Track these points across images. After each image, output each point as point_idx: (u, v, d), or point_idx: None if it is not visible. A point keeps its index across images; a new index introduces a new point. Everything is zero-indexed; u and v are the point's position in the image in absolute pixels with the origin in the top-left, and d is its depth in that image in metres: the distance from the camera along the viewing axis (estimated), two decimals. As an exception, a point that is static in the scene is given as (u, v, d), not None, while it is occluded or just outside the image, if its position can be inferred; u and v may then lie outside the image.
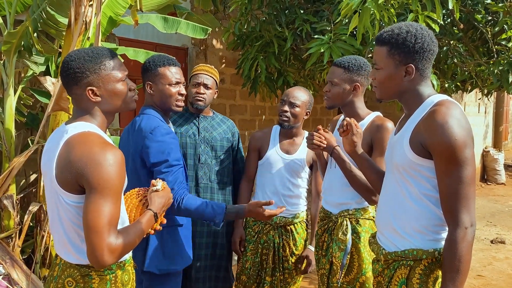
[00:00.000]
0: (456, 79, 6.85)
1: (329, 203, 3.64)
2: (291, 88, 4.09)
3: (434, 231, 2.39)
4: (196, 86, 4.01)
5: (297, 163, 4.06)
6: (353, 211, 3.52)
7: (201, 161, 4.02)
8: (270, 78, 6.90)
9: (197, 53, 7.84)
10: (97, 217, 2.08)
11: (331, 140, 3.42)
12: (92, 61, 2.31)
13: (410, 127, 2.43)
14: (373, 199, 3.33)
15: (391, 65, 2.48)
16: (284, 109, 3.96)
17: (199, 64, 4.22)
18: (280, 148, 4.12)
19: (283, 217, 4.06)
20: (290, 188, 4.06)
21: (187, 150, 4.00)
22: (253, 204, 3.19)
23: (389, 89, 2.53)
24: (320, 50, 5.32)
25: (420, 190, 2.40)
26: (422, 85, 2.48)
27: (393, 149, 2.55)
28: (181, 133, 4.01)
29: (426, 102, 2.43)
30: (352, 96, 3.48)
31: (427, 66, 2.46)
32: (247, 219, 4.21)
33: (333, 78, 3.48)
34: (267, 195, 4.07)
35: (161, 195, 2.61)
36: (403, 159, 2.43)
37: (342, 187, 3.51)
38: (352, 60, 3.47)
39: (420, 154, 2.35)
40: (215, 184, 4.06)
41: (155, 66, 3.41)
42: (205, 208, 3.13)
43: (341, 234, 3.46)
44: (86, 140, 2.20)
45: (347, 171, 3.33)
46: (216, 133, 4.13)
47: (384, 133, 3.34)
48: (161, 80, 3.39)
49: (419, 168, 2.37)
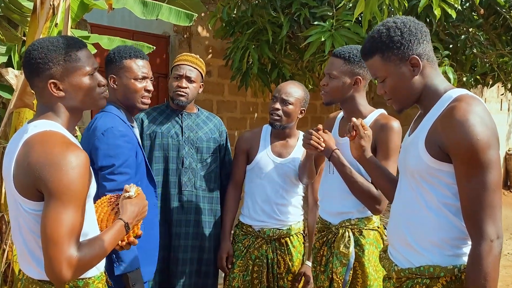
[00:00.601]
0: (476, 72, 6.90)
1: (327, 212, 3.65)
2: (284, 82, 4.12)
3: (454, 245, 2.38)
4: (177, 79, 4.03)
5: (290, 167, 4.06)
6: (356, 221, 3.52)
7: (185, 165, 4.03)
8: (263, 70, 6.93)
9: (180, 42, 7.84)
10: (55, 227, 2.08)
11: (330, 142, 3.45)
12: (56, 51, 2.32)
13: (426, 126, 2.43)
14: (377, 208, 3.36)
15: (392, 68, 2.50)
16: (276, 107, 3.97)
17: (182, 54, 4.23)
18: (272, 150, 4.12)
19: (277, 229, 4.06)
20: (284, 195, 4.07)
21: (169, 152, 4.02)
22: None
23: (405, 94, 2.54)
24: (321, 38, 5.35)
25: (438, 198, 2.39)
26: (435, 76, 2.50)
27: (407, 152, 2.54)
28: (162, 133, 4.03)
29: (444, 98, 2.43)
30: (352, 91, 3.50)
31: (428, 49, 2.49)
32: (236, 232, 4.21)
33: (332, 71, 3.50)
34: (257, 203, 4.08)
35: (134, 203, 2.59)
36: (418, 164, 2.42)
37: (342, 194, 3.51)
38: (353, 50, 3.47)
39: (438, 157, 2.34)
40: (200, 191, 4.08)
41: (120, 58, 3.46)
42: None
43: (342, 247, 3.46)
44: (46, 140, 2.21)
45: (348, 176, 3.36)
46: (202, 132, 4.14)
47: (389, 134, 3.35)
48: (126, 73, 3.44)
49: (436, 173, 2.36)
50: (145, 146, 4.01)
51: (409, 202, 2.53)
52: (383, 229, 3.58)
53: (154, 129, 4.04)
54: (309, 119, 10.10)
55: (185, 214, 4.04)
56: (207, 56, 8.24)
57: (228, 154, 4.33)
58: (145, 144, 4.02)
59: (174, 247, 4.00)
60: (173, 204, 4.02)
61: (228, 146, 4.34)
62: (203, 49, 8.16)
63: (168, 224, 4.03)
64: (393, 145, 3.34)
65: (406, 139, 2.64)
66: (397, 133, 3.36)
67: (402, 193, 2.62)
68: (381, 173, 3.02)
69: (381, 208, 3.35)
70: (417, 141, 2.45)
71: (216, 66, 8.34)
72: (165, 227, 4.01)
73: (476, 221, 2.23)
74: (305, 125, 9.72)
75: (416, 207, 2.47)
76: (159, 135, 4.02)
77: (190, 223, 4.05)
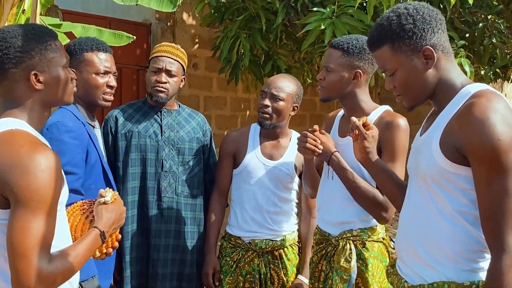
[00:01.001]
0: (495, 64, 6.89)
1: (327, 222, 3.64)
2: (274, 76, 4.14)
3: (471, 258, 2.37)
4: (156, 72, 4.04)
5: (283, 170, 4.06)
6: (358, 231, 3.51)
7: (165, 169, 4.04)
8: (256, 62, 6.92)
9: (162, 30, 7.82)
10: (24, 237, 2.06)
11: (329, 144, 3.44)
12: (36, 40, 2.34)
13: (441, 125, 2.42)
14: (384, 216, 3.35)
15: (403, 60, 2.50)
16: (265, 103, 3.97)
17: (161, 44, 4.24)
18: (262, 152, 4.12)
19: (270, 240, 4.06)
20: (276, 202, 4.07)
21: (147, 154, 4.03)
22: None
23: (416, 88, 2.53)
24: (320, 26, 5.33)
25: (453, 206, 2.38)
26: (451, 69, 2.50)
27: (418, 153, 2.54)
28: (138, 133, 4.04)
29: (461, 93, 2.43)
30: (352, 86, 3.50)
31: (444, 39, 2.49)
32: (223, 244, 4.20)
33: (329, 63, 3.50)
34: (246, 212, 4.08)
35: (111, 209, 2.59)
36: (431, 167, 2.42)
37: (343, 202, 3.50)
38: (352, 40, 3.49)
39: (454, 159, 2.33)
40: (182, 198, 4.09)
41: (81, 50, 3.52)
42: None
43: (343, 261, 3.45)
44: (12, 140, 2.20)
45: (349, 181, 3.35)
46: (184, 132, 4.16)
47: (395, 133, 3.34)
48: (86, 67, 3.52)
49: (452, 177, 2.36)
50: (120, 147, 4.04)
51: (420, 209, 2.52)
52: (389, 241, 3.60)
53: (130, 128, 4.04)
54: (308, 118, 10.11)
55: (165, 224, 4.04)
56: (193, 47, 8.24)
57: (213, 156, 4.35)
58: (120, 145, 4.04)
59: (153, 260, 4.01)
60: (151, 213, 4.02)
61: (212, 147, 4.36)
62: (188, 38, 8.15)
63: (146, 234, 4.03)
64: (400, 145, 3.33)
65: (417, 139, 2.64)
66: (404, 131, 3.36)
67: (412, 199, 2.61)
68: (388, 177, 3.01)
69: (388, 216, 3.34)
70: (430, 141, 2.44)
71: (203, 57, 8.34)
72: (143, 238, 4.03)
73: (496, 232, 2.21)
74: (303, 124, 9.72)
75: (428, 216, 2.47)
76: (135, 134, 4.02)
77: (171, 234, 4.05)
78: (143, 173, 4.02)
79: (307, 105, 9.74)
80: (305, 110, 9.84)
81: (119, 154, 4.01)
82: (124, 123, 4.05)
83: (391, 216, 3.37)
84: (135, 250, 3.99)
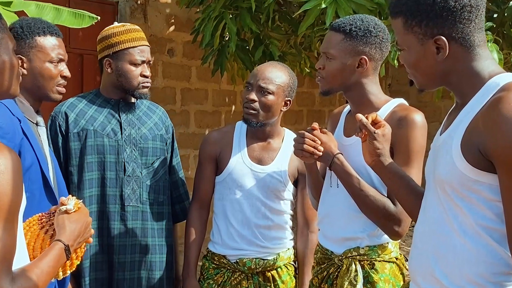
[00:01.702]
0: (529, 50, 6.89)
1: (329, 238, 3.62)
2: (262, 65, 4.15)
3: (496, 282, 2.33)
4: (137, 65, 4.06)
5: (275, 177, 4.05)
6: (366, 249, 3.48)
7: (128, 173, 4.05)
8: (244, 48, 6.95)
9: (132, 9, 7.83)
10: None
11: (331, 145, 3.41)
12: None
13: (463, 123, 2.38)
14: (397, 230, 3.32)
15: (413, 41, 2.49)
16: (251, 98, 3.95)
17: (126, 28, 4.17)
18: (249, 155, 4.10)
19: (260, 259, 4.05)
20: (267, 215, 4.05)
21: (105, 156, 4.03)
22: None
23: (426, 73, 2.54)
24: (321, 5, 5.35)
25: (476, 220, 2.34)
26: (477, 58, 2.45)
27: (437, 156, 2.51)
28: (95, 131, 4.04)
29: (488, 85, 2.39)
30: (358, 75, 3.45)
31: (469, 31, 2.42)
32: (205, 265, 4.19)
33: (328, 49, 3.47)
34: (232, 227, 4.06)
35: (75, 219, 2.59)
36: (450, 173, 2.39)
37: (348, 214, 3.48)
38: (356, 21, 3.44)
39: (478, 164, 2.30)
40: (147, 207, 4.10)
41: (31, 34, 3.50)
42: None
43: (347, 285, 3.42)
44: None
45: (355, 189, 3.33)
46: (146, 128, 4.18)
47: (410, 130, 3.30)
48: (38, 54, 3.50)
49: (475, 186, 2.32)
50: (73, 149, 4.02)
51: (437, 224, 2.49)
52: (403, 261, 3.55)
53: (83, 126, 4.03)
54: (305, 114, 10.13)
55: (130, 238, 4.05)
56: (169, 29, 8.26)
57: (176, 155, 4.37)
58: (72, 146, 4.02)
59: (117, 281, 4.01)
60: (113, 225, 4.02)
61: (175, 145, 4.38)
62: (162, 19, 8.17)
63: (108, 251, 4.02)
64: (416, 145, 3.30)
65: (437, 138, 2.60)
66: (421, 129, 3.32)
67: (428, 211, 2.58)
68: (403, 184, 2.96)
69: (401, 231, 3.32)
70: (451, 143, 2.40)
71: (181, 42, 8.36)
72: (104, 256, 4.01)
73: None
74: (300, 121, 9.74)
75: (446, 231, 2.44)
76: (91, 133, 4.01)
77: (136, 249, 4.06)
78: (102, 178, 4.02)
79: (305, 99, 9.76)
80: (302, 105, 9.86)
81: (72, 158, 4.00)
82: (75, 121, 4.03)
83: (405, 230, 3.33)
84: (96, 269, 3.97)
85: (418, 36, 2.46)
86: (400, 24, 2.50)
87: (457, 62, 2.45)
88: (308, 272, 4.03)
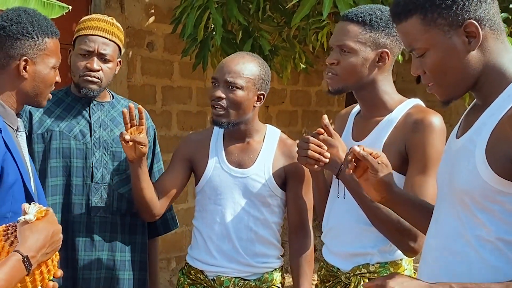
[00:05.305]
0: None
1: (335, 253, 3.64)
2: (227, 57, 4.13)
3: None
4: (85, 56, 4.03)
5: (258, 181, 3.99)
6: (377, 266, 3.52)
7: (96, 179, 4.07)
8: (231, 41, 6.99)
9: (107, -1, 7.81)
10: None
11: (338, 151, 3.37)
12: None
13: (488, 126, 2.38)
14: (412, 246, 3.32)
15: (438, 37, 2.46)
16: (217, 95, 3.91)
17: (91, 17, 4.26)
18: (227, 159, 4.07)
19: (241, 279, 3.99)
20: (251, 226, 4.00)
21: (71, 160, 4.04)
22: None
23: (454, 76, 2.49)
24: (318, -6, 5.32)
25: (498, 235, 2.35)
26: (502, 52, 2.45)
27: (455, 163, 2.51)
28: (60, 132, 4.05)
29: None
30: (376, 71, 3.46)
31: (494, 11, 2.44)
32: (180, 279, 4.16)
33: (345, 41, 3.44)
34: (211, 241, 4.02)
35: (39, 228, 2.57)
36: (473, 182, 2.38)
37: (357, 227, 3.50)
38: (375, 10, 3.46)
39: (505, 174, 2.30)
40: (117, 218, 4.12)
41: (43, 34, 3.37)
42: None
43: (356, 305, 3.44)
44: None
45: (366, 201, 3.29)
46: (120, 130, 4.09)
47: (426, 135, 3.32)
48: (45, 59, 3.39)
49: (499, 197, 2.33)
50: (36, 152, 4.03)
51: (451, 238, 2.50)
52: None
53: (48, 127, 4.06)
54: (300, 115, 10.16)
55: (96, 251, 4.07)
56: (147, 20, 8.32)
57: (158, 161, 4.42)
58: (36, 149, 4.03)
59: None
60: (78, 237, 4.04)
61: (157, 150, 4.42)
62: (141, 9, 8.21)
63: (72, 266, 4.02)
64: (434, 151, 3.30)
65: (453, 142, 2.61)
66: (440, 133, 3.33)
67: (441, 224, 2.59)
68: (417, 208, 2.99)
69: (417, 247, 3.30)
70: (473, 148, 2.40)
71: (162, 34, 8.40)
72: (68, 271, 3.94)
73: None
74: (294, 123, 9.75)
75: (461, 247, 2.45)
76: (56, 135, 4.03)
77: (103, 264, 4.09)
78: (66, 185, 4.04)
79: (300, 99, 9.83)
80: (297, 105, 9.92)
81: (35, 161, 3.95)
82: (40, 121, 4.05)
83: (421, 246, 3.18)
84: (58, 287, 3.93)
85: (444, 28, 2.43)
86: (416, 23, 2.47)
87: (487, 55, 2.44)
88: (304, 284, 4.01)
